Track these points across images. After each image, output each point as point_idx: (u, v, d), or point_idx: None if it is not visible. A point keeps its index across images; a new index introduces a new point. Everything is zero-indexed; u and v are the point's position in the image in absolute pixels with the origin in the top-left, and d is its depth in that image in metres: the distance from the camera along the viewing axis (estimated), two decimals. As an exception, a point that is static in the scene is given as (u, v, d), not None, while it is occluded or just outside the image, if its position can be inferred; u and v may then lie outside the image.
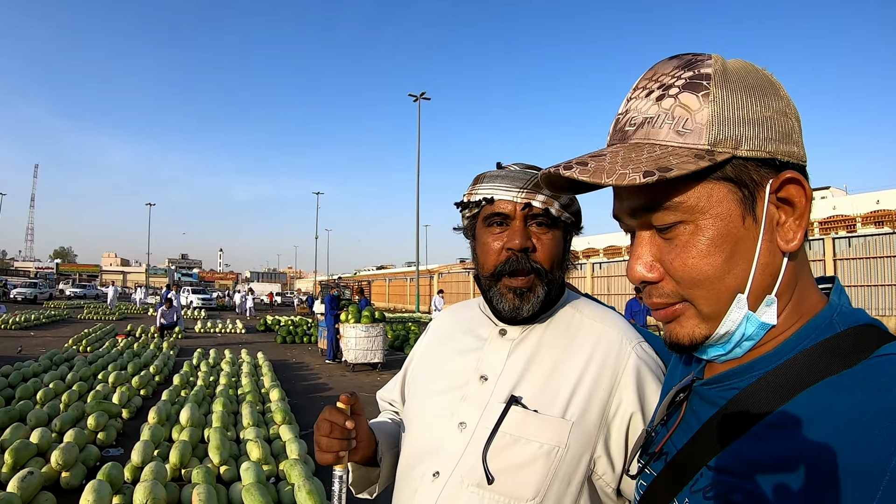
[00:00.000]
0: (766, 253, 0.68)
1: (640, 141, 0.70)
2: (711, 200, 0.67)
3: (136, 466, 5.00)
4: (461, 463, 1.12)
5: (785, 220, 0.68)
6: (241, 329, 22.97)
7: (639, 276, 0.73)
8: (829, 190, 61.09)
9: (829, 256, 21.65)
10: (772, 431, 0.64)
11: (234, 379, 9.73)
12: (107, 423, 6.54)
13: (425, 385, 1.31)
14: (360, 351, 12.85)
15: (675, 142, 0.67)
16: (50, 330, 20.64)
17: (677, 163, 0.65)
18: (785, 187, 0.67)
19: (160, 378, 10.20)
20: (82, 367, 9.63)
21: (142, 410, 7.94)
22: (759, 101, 0.67)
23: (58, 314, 26.65)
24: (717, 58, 0.71)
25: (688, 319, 0.72)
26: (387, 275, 68.18)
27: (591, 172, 0.67)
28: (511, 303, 1.17)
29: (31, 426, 6.10)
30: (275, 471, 5.36)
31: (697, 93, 0.67)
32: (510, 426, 1.11)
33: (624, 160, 0.68)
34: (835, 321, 0.68)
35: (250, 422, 6.62)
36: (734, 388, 0.71)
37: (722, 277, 0.68)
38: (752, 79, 0.69)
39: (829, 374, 0.63)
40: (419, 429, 1.24)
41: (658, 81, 0.72)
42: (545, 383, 1.14)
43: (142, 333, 18.57)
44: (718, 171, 0.67)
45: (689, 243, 0.69)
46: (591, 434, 1.10)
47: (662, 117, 0.69)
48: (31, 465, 4.99)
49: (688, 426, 0.78)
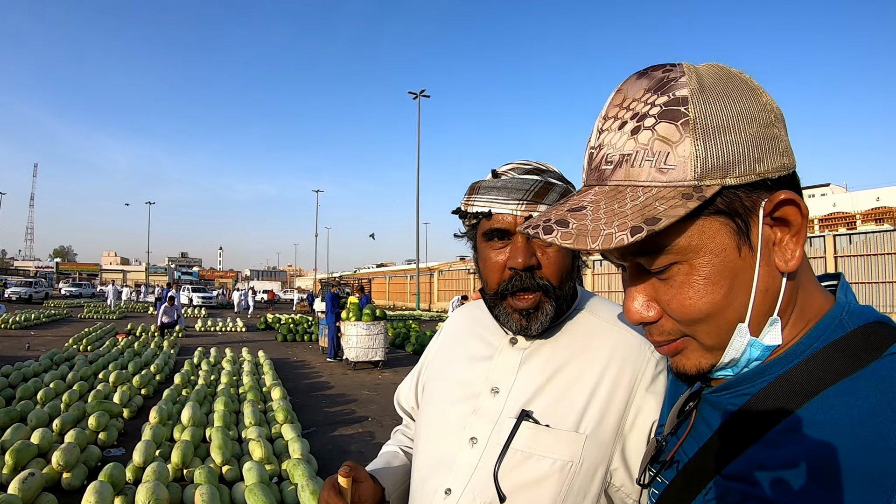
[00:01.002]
0: (764, 278, 0.65)
1: (620, 183, 0.66)
2: (704, 238, 0.64)
3: (137, 467, 4.97)
4: (473, 480, 1.08)
5: (782, 239, 0.65)
6: (242, 327, 22.97)
7: (637, 317, 0.70)
8: (830, 187, 61.24)
9: (829, 254, 21.69)
10: (785, 437, 0.63)
11: (236, 378, 9.71)
12: (108, 423, 6.51)
13: (438, 393, 1.27)
14: (361, 349, 12.83)
15: (659, 182, 0.63)
16: (50, 329, 20.65)
17: (665, 209, 0.61)
18: (781, 208, 0.64)
19: (161, 377, 10.19)
20: (83, 366, 9.60)
21: (143, 410, 7.93)
22: (743, 117, 0.63)
23: (58, 313, 26.67)
24: (689, 72, 0.65)
25: (692, 352, 0.70)
26: (387, 272, 68.24)
27: (573, 237, 0.63)
28: (518, 323, 1.12)
29: (32, 426, 6.07)
30: (277, 470, 5.34)
31: (676, 121, 0.62)
32: (521, 442, 1.06)
33: (607, 214, 0.63)
34: (844, 320, 0.66)
35: (252, 421, 6.59)
36: (745, 395, 0.69)
37: (722, 312, 0.65)
38: (732, 90, 0.64)
39: (841, 376, 0.61)
40: (432, 441, 1.20)
41: (630, 110, 0.66)
42: (558, 395, 1.10)
43: (142, 332, 18.57)
44: (709, 206, 0.63)
45: (685, 283, 0.65)
46: (607, 446, 1.06)
47: (641, 154, 0.64)
48: (32, 465, 4.96)
49: (698, 434, 0.77)
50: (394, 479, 1.30)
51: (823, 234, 22.62)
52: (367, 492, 1.17)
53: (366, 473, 1.19)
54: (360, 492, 1.15)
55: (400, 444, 1.46)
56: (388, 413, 8.49)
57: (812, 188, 61.41)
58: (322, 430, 7.54)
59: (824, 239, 22.18)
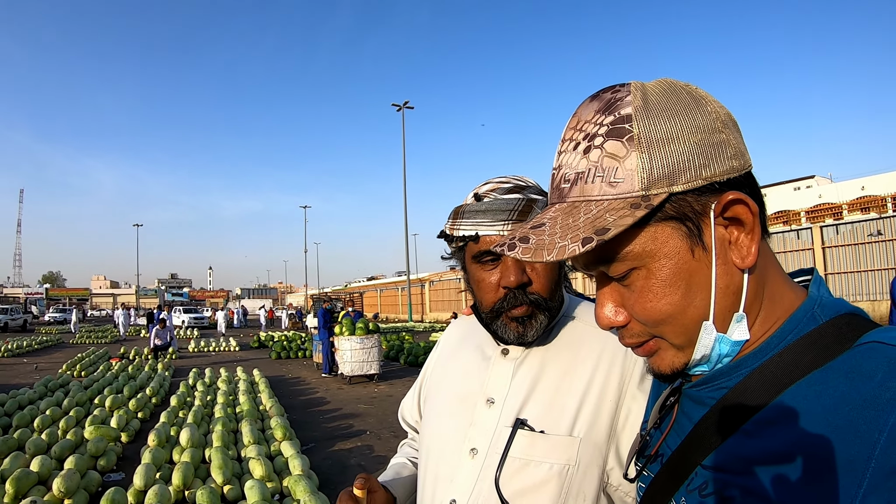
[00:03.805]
0: (723, 276, 0.68)
1: (576, 199, 0.70)
2: (657, 243, 0.68)
3: (139, 490, 4.98)
4: (476, 490, 1.13)
5: (737, 237, 0.68)
6: (235, 347, 22.84)
7: (606, 322, 0.75)
8: (815, 179, 61.53)
9: (817, 245, 21.83)
10: (762, 427, 0.66)
11: (232, 397, 9.69)
12: (106, 448, 6.50)
13: (437, 407, 1.32)
14: (356, 363, 12.80)
15: (609, 195, 0.67)
16: (42, 356, 20.44)
17: (614, 219, 0.65)
18: (730, 208, 0.67)
19: (157, 400, 10.14)
20: (78, 392, 9.56)
21: (141, 433, 7.90)
22: (687, 127, 0.66)
23: (49, 339, 26.43)
24: (635, 90, 0.70)
25: (665, 352, 0.74)
26: (377, 285, 68.08)
27: (532, 251, 0.68)
28: (515, 331, 1.17)
29: (31, 454, 6.06)
30: (279, 487, 5.35)
31: (622, 138, 0.67)
32: (519, 450, 1.11)
33: (563, 228, 0.68)
34: (816, 313, 0.70)
35: (251, 439, 6.60)
36: (722, 388, 0.72)
37: (683, 311, 0.69)
38: (675, 103, 0.68)
39: (814, 367, 0.65)
40: (434, 454, 1.25)
41: (583, 131, 0.71)
42: (550, 402, 1.14)
43: (136, 356, 18.42)
44: (658, 213, 0.67)
45: (645, 287, 0.69)
46: (602, 447, 1.11)
47: (593, 171, 0.69)
48: (32, 493, 4.96)
49: (680, 427, 0.80)
50: (404, 489, 1.37)
51: (810, 226, 22.77)
52: (380, 501, 1.24)
53: (378, 484, 1.25)
54: (374, 501, 1.21)
55: (407, 456, 1.51)
56: (386, 426, 8.48)
57: (797, 181, 61.73)
58: (321, 446, 7.55)
59: (811, 230, 22.32)
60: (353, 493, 1.17)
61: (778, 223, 32.60)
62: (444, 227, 1.23)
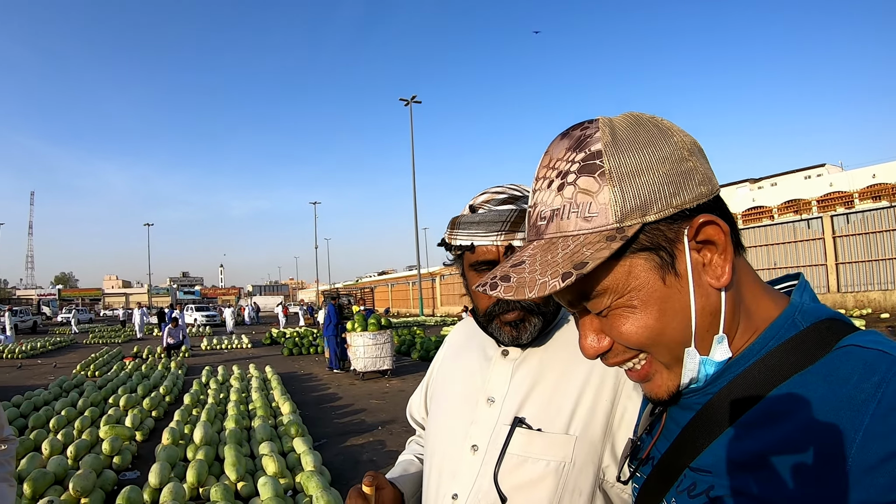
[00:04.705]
0: (700, 299, 0.70)
1: (553, 235, 0.72)
2: (631, 276, 0.70)
3: (154, 488, 5.04)
4: (476, 485, 1.18)
5: (710, 259, 0.70)
6: (248, 344, 23.01)
7: (592, 351, 0.77)
8: (825, 167, 61.07)
9: (828, 234, 21.74)
10: (746, 430, 0.69)
11: (245, 395, 9.78)
12: (121, 447, 6.58)
13: (442, 405, 1.38)
14: (369, 359, 12.84)
15: (585, 229, 0.69)
16: (56, 357, 20.63)
17: (591, 253, 0.67)
18: (702, 230, 0.69)
19: (170, 398, 10.23)
20: (92, 392, 9.66)
21: (155, 432, 8.00)
22: (655, 159, 0.69)
23: (63, 340, 26.67)
24: (603, 126, 0.73)
25: (659, 376, 0.76)
26: (388, 280, 68.24)
27: (514, 289, 0.70)
28: (509, 335, 1.22)
29: (47, 455, 6.14)
30: (292, 483, 5.41)
31: (594, 174, 0.69)
32: (517, 447, 1.15)
33: (542, 265, 0.70)
34: (797, 320, 0.72)
35: (264, 436, 6.66)
36: (708, 395, 0.75)
37: (660, 336, 0.71)
38: (642, 136, 0.71)
39: (795, 371, 0.67)
40: (438, 450, 1.30)
41: (555, 169, 0.74)
42: (548, 401, 1.18)
43: (148, 355, 18.57)
44: (633, 243, 0.69)
45: (620, 316, 0.71)
46: (597, 445, 1.14)
47: (568, 207, 0.71)
48: (49, 493, 5.04)
49: (669, 432, 0.83)
50: (411, 485, 1.41)
51: (820, 216, 22.67)
52: (388, 496, 1.29)
53: (386, 481, 1.30)
54: (382, 497, 1.26)
55: (414, 453, 1.57)
56: (398, 421, 8.56)
57: (807, 169, 61.34)
58: (333, 441, 7.61)
59: (821, 220, 22.23)
60: (362, 490, 1.22)
61: (788, 212, 32.46)
62: (444, 236, 1.29)
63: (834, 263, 21.98)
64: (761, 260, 24.35)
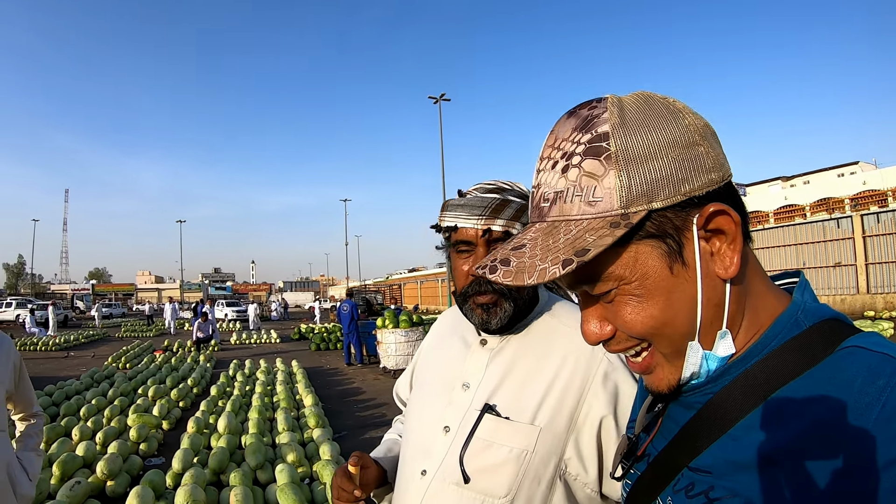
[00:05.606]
0: (707, 290, 0.68)
1: (556, 219, 0.70)
2: (637, 263, 0.67)
3: (177, 473, 5.20)
4: (444, 463, 1.25)
5: (720, 248, 0.68)
6: (276, 339, 23.25)
7: (594, 337, 0.75)
8: (859, 165, 59.63)
9: (857, 234, 21.28)
10: (747, 432, 0.67)
11: (270, 387, 9.95)
12: (148, 435, 6.79)
13: (423, 387, 1.46)
14: (400, 356, 12.68)
15: (589, 214, 0.67)
16: (89, 349, 21.09)
17: (593, 239, 0.65)
18: (712, 220, 0.66)
19: (198, 390, 10.45)
20: (122, 382, 9.92)
21: (181, 421, 8.19)
22: (664, 143, 0.66)
23: (95, 333, 27.27)
24: (612, 105, 0.70)
25: (661, 369, 0.74)
26: (418, 277, 68.34)
27: (513, 274, 0.68)
28: (479, 317, 1.28)
29: (77, 440, 6.37)
30: (309, 472, 5.53)
31: (599, 157, 0.66)
32: (484, 432, 1.22)
33: (543, 250, 0.68)
34: (800, 319, 0.70)
35: (285, 427, 6.81)
36: (708, 394, 0.73)
37: (665, 326, 0.69)
38: (652, 117, 0.68)
39: (798, 373, 0.66)
40: (415, 429, 1.38)
41: (560, 149, 0.71)
42: (518, 392, 1.24)
43: (179, 348, 18.93)
44: (639, 231, 0.66)
45: (624, 303, 0.70)
46: (560, 438, 1.19)
47: (571, 190, 0.68)
48: (77, 475, 5.23)
49: (666, 430, 0.81)
50: (393, 463, 1.49)
51: (850, 215, 22.22)
52: (372, 475, 1.39)
53: (370, 460, 1.40)
54: (367, 476, 1.37)
55: (398, 432, 1.67)
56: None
57: (840, 167, 59.96)
58: (353, 434, 7.72)
59: (851, 219, 21.80)
60: (348, 470, 1.31)
61: (821, 211, 31.78)
62: (437, 220, 1.37)
63: (864, 263, 21.51)
64: (790, 260, 23.93)
